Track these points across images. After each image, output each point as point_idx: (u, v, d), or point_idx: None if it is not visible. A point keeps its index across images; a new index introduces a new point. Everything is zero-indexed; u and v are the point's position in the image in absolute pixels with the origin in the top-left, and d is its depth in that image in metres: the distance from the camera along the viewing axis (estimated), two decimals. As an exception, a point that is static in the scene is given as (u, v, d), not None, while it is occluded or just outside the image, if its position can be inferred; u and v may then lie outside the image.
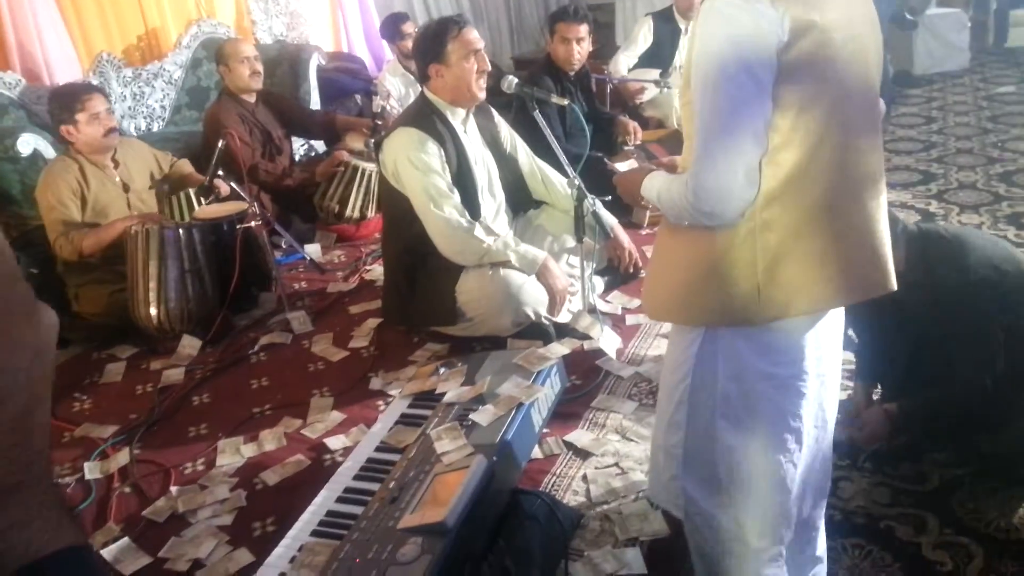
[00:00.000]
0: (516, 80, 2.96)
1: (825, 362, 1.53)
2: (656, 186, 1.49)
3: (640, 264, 3.20)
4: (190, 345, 3.21)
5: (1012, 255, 2.03)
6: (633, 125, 4.39)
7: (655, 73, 4.91)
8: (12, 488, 0.45)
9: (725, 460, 1.54)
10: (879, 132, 1.47)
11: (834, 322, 1.55)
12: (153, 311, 3.18)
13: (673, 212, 1.45)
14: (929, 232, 2.08)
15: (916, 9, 6.69)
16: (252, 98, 4.23)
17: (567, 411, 2.54)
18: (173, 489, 2.40)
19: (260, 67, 4.21)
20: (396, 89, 4.89)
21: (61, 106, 3.32)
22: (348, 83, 5.58)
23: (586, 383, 2.72)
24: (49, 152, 3.91)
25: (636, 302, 3.20)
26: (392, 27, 5.08)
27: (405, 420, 2.34)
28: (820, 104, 1.33)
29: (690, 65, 1.38)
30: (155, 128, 4.99)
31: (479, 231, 2.84)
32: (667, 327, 2.99)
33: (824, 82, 1.32)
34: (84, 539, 0.49)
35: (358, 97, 5.44)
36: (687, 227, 1.44)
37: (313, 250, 4.02)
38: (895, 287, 1.49)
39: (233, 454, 2.56)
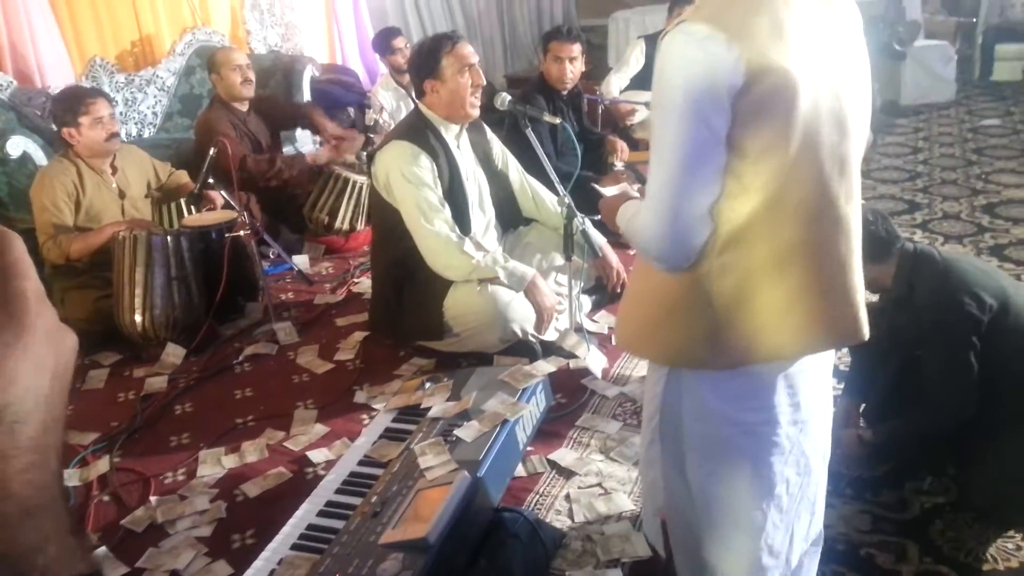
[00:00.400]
0: (509, 97, 2.98)
1: (805, 408, 1.45)
2: (627, 217, 1.44)
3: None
4: (174, 353, 3.19)
5: (1000, 287, 2.04)
6: (620, 144, 4.42)
7: (646, 95, 4.95)
8: (29, 511, 0.45)
9: (698, 502, 1.50)
10: (855, 176, 1.38)
11: (818, 366, 1.48)
12: (138, 318, 3.16)
13: (636, 246, 1.42)
14: (921, 252, 2.11)
15: (905, 40, 6.78)
16: (244, 106, 4.22)
17: (551, 429, 2.54)
18: (152, 499, 2.38)
19: (252, 75, 4.20)
20: (388, 103, 4.91)
21: (65, 108, 3.31)
22: (341, 95, 5.60)
23: (571, 402, 2.72)
24: (39, 155, 3.89)
25: (623, 322, 3.21)
26: (383, 41, 5.10)
27: (389, 434, 2.33)
28: (782, 149, 1.26)
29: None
30: (146, 134, 4.99)
31: (468, 246, 2.85)
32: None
33: (787, 127, 1.25)
34: (98, 567, 0.49)
35: (351, 110, 5.45)
36: None
37: (301, 261, 4.01)
38: (867, 336, 1.45)
39: (214, 465, 2.54)
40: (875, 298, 2.22)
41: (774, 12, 1.25)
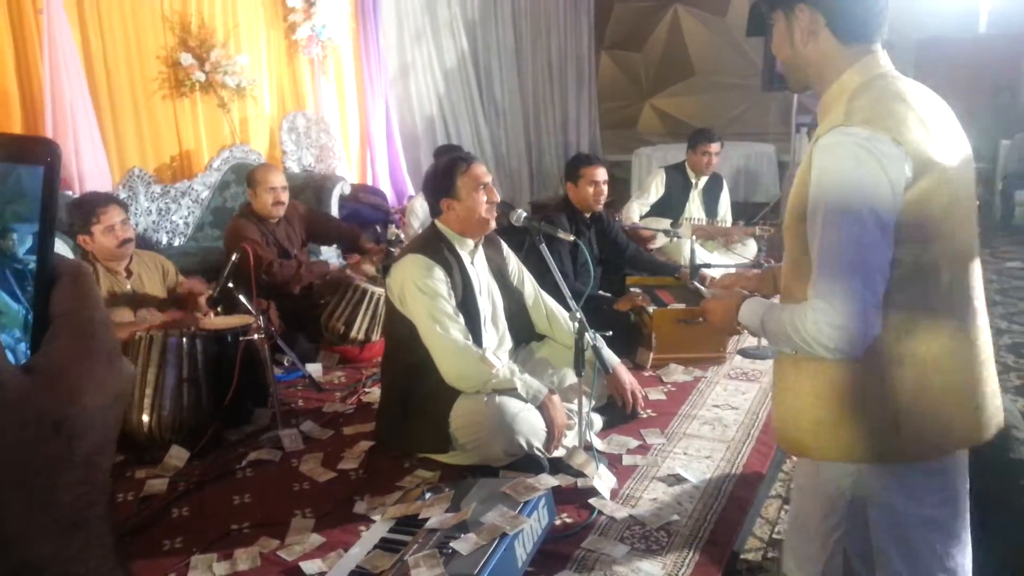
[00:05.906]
0: (524, 214, 3.05)
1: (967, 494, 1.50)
2: (760, 313, 1.48)
3: (641, 405, 3.16)
4: (177, 456, 3.14)
5: None
6: (637, 299, 4.25)
7: (665, 222, 5.03)
8: (75, 525, 0.47)
9: None
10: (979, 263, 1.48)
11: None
12: (145, 418, 3.14)
13: (779, 340, 1.44)
14: None
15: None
16: (274, 218, 4.33)
17: (554, 550, 2.42)
18: (136, 603, 2.29)
19: (285, 197, 4.32)
20: (423, 209, 5.04)
21: (77, 216, 3.43)
22: (368, 214, 5.75)
23: (576, 522, 2.62)
24: (69, 256, 3.99)
25: (634, 442, 3.14)
26: (444, 151, 5.33)
27: (384, 544, 2.26)
28: (940, 239, 1.35)
29: (799, 197, 1.40)
30: (176, 243, 5.12)
31: (490, 355, 2.85)
32: (663, 468, 2.93)
33: (945, 217, 1.35)
34: None
35: (377, 227, 5.59)
36: (810, 359, 1.42)
37: (314, 369, 4.01)
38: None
39: (204, 571, 2.45)
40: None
41: (916, 108, 1.34)
